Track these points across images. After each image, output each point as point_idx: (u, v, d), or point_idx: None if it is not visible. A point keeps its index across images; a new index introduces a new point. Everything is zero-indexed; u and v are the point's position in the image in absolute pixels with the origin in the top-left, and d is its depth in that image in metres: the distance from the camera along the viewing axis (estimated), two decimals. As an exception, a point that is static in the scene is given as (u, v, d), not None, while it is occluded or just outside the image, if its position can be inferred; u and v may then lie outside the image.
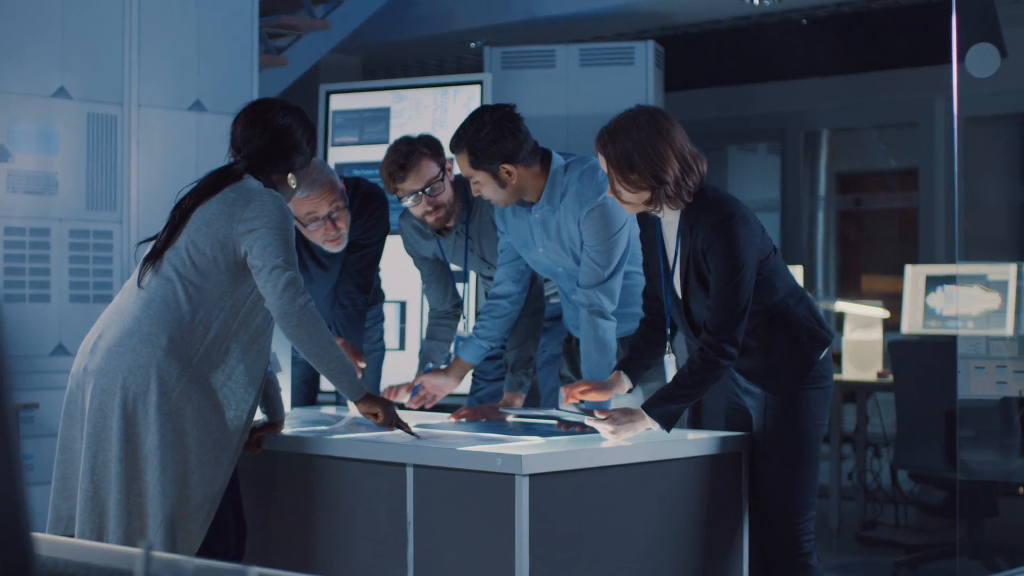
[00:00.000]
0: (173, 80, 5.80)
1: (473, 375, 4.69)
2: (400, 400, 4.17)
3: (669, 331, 3.77)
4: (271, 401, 3.64)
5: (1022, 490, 5.49)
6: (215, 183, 3.46)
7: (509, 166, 3.84)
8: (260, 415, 3.63)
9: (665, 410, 3.47)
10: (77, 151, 5.53)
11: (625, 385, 3.65)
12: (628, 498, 3.35)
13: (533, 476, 3.11)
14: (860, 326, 6.87)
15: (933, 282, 6.69)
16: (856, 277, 10.34)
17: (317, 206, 4.17)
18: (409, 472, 3.34)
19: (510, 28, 8.23)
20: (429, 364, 4.49)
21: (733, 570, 3.61)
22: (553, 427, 3.78)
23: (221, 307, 3.37)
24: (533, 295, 4.26)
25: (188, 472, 3.29)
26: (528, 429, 3.78)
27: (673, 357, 3.76)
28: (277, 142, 3.52)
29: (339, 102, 6.98)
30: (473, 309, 6.14)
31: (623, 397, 4.01)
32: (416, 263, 4.60)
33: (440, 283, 4.55)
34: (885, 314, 6.96)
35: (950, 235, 8.67)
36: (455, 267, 4.55)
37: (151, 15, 5.72)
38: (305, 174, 3.67)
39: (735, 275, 3.42)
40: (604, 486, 3.29)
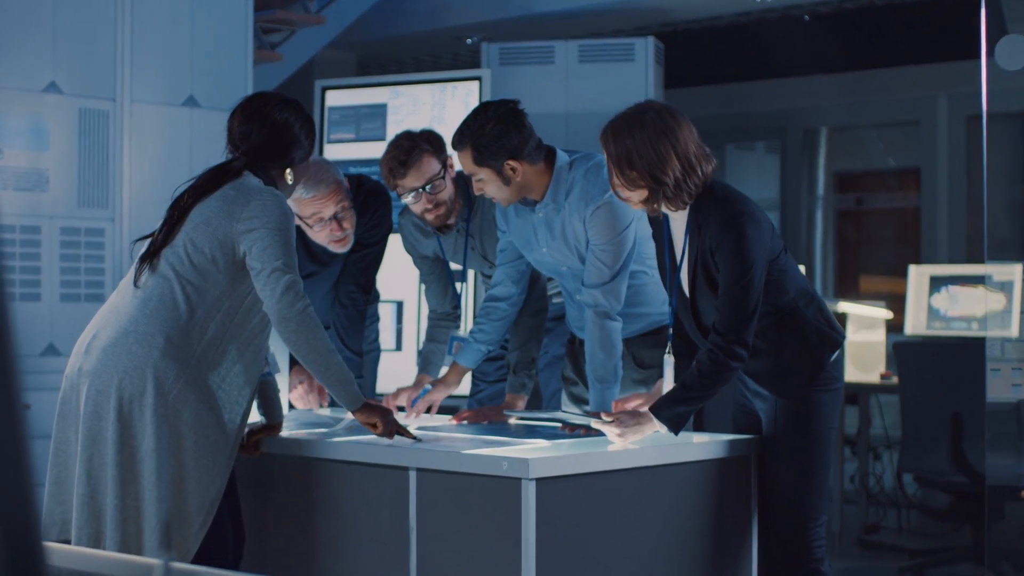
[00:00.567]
0: (166, 75, 5.77)
1: (473, 376, 4.65)
2: (399, 403, 4.13)
3: (672, 331, 3.74)
4: (270, 403, 3.60)
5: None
6: (214, 180, 3.41)
7: (514, 163, 3.79)
8: (258, 417, 3.58)
9: (673, 413, 3.42)
10: (68, 147, 5.49)
11: None
12: (636, 502, 3.32)
13: (540, 480, 3.07)
14: (863, 327, 6.83)
15: (937, 283, 6.66)
16: (855, 277, 10.31)
17: (323, 207, 4.12)
18: (412, 476, 3.30)
19: (507, 24, 8.19)
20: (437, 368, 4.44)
21: (742, 576, 3.57)
22: (557, 430, 3.74)
23: (219, 307, 3.32)
24: (536, 295, 4.22)
25: (185, 476, 3.25)
26: (532, 432, 3.74)
27: (672, 359, 3.72)
28: (276, 137, 3.48)
29: (335, 98, 6.93)
30: (472, 309, 6.08)
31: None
32: (416, 262, 4.55)
33: (440, 283, 4.51)
34: (888, 315, 6.93)
35: (954, 235, 8.64)
36: (455, 266, 4.50)
37: (144, 8, 5.69)
38: (303, 170, 3.62)
39: (744, 275, 3.38)
40: (611, 490, 3.26)
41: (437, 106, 6.66)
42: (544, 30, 8.20)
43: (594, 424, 3.46)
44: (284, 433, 3.63)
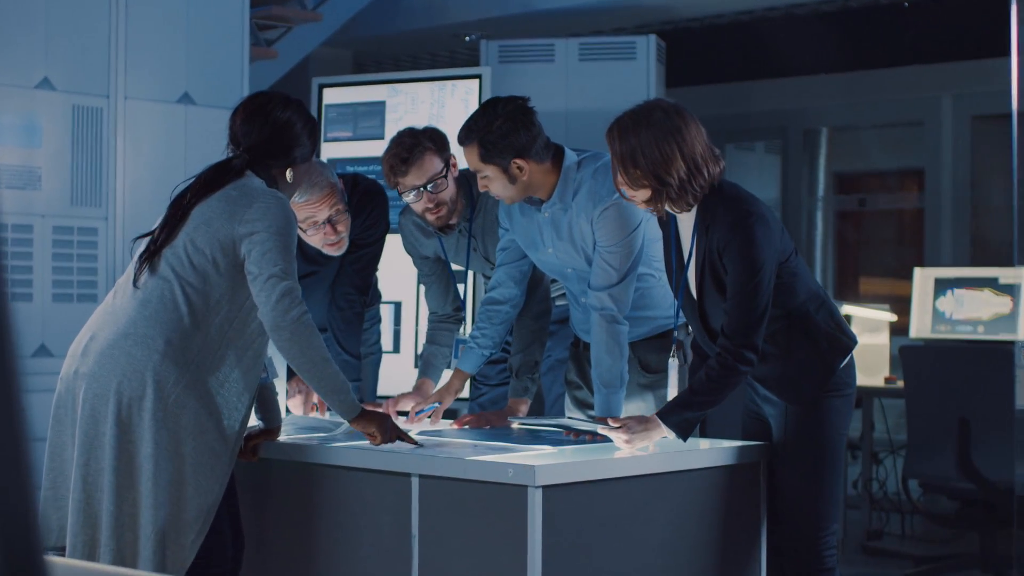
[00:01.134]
0: (161, 72, 5.74)
1: (474, 380, 4.60)
2: (403, 408, 4.08)
3: (677, 333, 3.70)
4: (268, 407, 3.56)
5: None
6: (216, 179, 3.37)
7: (521, 161, 3.74)
8: (255, 421, 3.54)
9: (681, 418, 3.39)
10: (61, 145, 5.46)
11: None
12: (643, 510, 3.28)
13: (546, 488, 3.02)
14: (866, 330, 6.78)
15: (942, 285, 6.61)
16: (856, 280, 10.28)
17: (316, 210, 4.08)
18: (414, 483, 3.25)
19: (506, 21, 8.16)
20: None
21: (750, 585, 3.53)
22: (562, 435, 3.69)
23: (219, 310, 3.28)
24: (540, 296, 4.18)
25: (183, 482, 3.20)
26: (536, 437, 3.70)
27: (677, 362, 3.69)
28: (277, 136, 3.45)
29: (332, 96, 6.88)
30: (474, 310, 6.03)
31: (633, 404, 3.94)
32: (416, 263, 4.50)
33: (441, 284, 4.45)
34: (892, 318, 6.89)
35: (958, 237, 8.61)
36: (456, 267, 4.45)
37: (139, 4, 5.66)
38: (305, 170, 3.58)
39: (753, 277, 3.34)
40: (619, 498, 3.22)
41: (436, 104, 6.61)
42: (544, 28, 8.17)
43: (601, 430, 3.42)
44: (282, 438, 3.59)
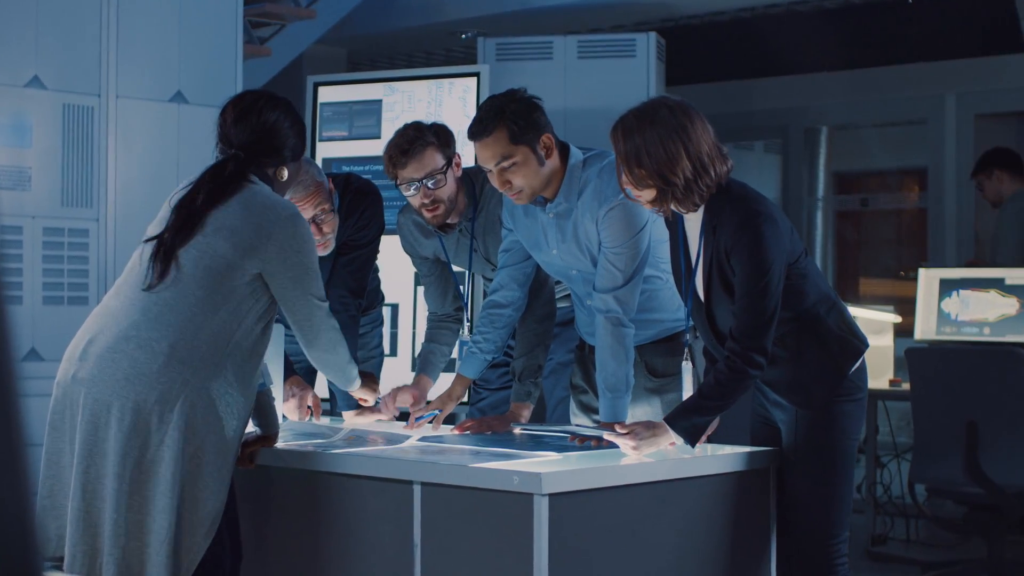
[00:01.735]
0: (153, 70, 5.71)
1: (475, 384, 4.54)
2: (402, 404, 4.09)
3: (688, 336, 3.65)
4: (265, 414, 3.52)
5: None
6: (226, 184, 3.35)
7: (548, 137, 3.72)
8: (251, 428, 3.50)
9: (690, 423, 3.35)
10: (51, 144, 5.42)
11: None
12: (651, 518, 3.24)
13: (553, 496, 2.98)
14: (870, 332, 6.73)
15: (948, 286, 6.56)
16: (857, 280, 10.26)
17: (302, 209, 3.99)
18: (416, 490, 3.20)
19: (503, 19, 8.14)
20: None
21: (760, 595, 3.49)
22: (567, 441, 3.64)
23: (225, 316, 3.26)
24: (544, 299, 4.13)
25: (189, 488, 3.18)
26: (540, 443, 3.65)
27: (690, 365, 3.66)
28: (267, 137, 3.44)
29: (327, 94, 6.83)
30: (473, 312, 5.98)
31: (640, 409, 3.89)
32: (415, 263, 4.45)
33: (441, 284, 4.40)
34: (896, 319, 6.84)
35: (962, 237, 8.58)
36: (457, 268, 4.40)
37: (131, 1, 5.62)
38: (297, 169, 3.58)
39: (761, 278, 3.30)
40: (626, 505, 3.17)
41: (434, 103, 6.56)
42: (541, 25, 8.14)
43: (607, 436, 3.38)
44: (280, 444, 3.56)
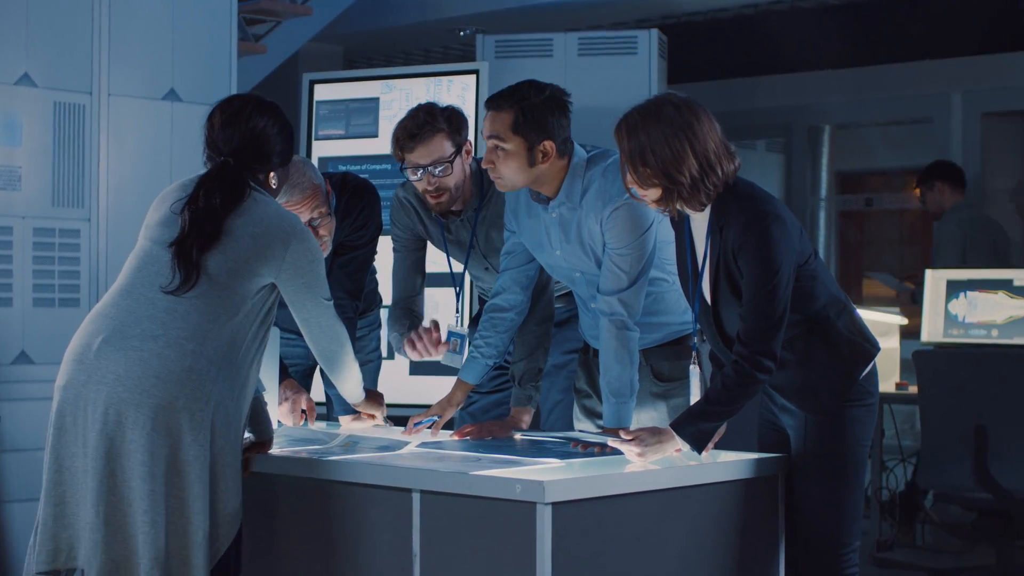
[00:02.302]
0: (146, 67, 5.65)
1: None
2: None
3: (696, 340, 3.61)
4: (259, 420, 3.51)
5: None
6: (239, 191, 3.37)
7: (548, 145, 3.67)
8: (245, 434, 3.47)
9: (696, 429, 3.31)
10: (42, 143, 5.36)
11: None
12: (657, 527, 3.19)
13: (556, 505, 2.93)
14: (876, 334, 6.67)
15: (955, 287, 6.52)
16: (860, 281, 10.22)
17: (297, 212, 3.99)
18: (415, 498, 3.16)
19: (500, 15, 8.11)
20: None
21: (768, 605, 3.44)
22: (569, 447, 3.59)
23: (240, 319, 3.30)
24: (545, 301, 4.08)
25: (222, 482, 3.24)
26: (542, 450, 3.59)
27: (698, 369, 3.61)
28: (254, 144, 3.45)
29: (323, 92, 6.79)
30: (467, 312, 5.92)
31: (646, 414, 3.84)
32: (395, 235, 4.34)
33: (417, 264, 4.36)
34: (903, 321, 6.80)
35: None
36: (454, 266, 4.33)
37: (123, -3, 5.58)
38: (285, 173, 3.60)
39: (770, 280, 3.26)
40: (632, 514, 3.13)
41: (432, 100, 6.50)
42: (539, 22, 8.10)
43: (611, 443, 3.33)
44: (274, 450, 3.54)
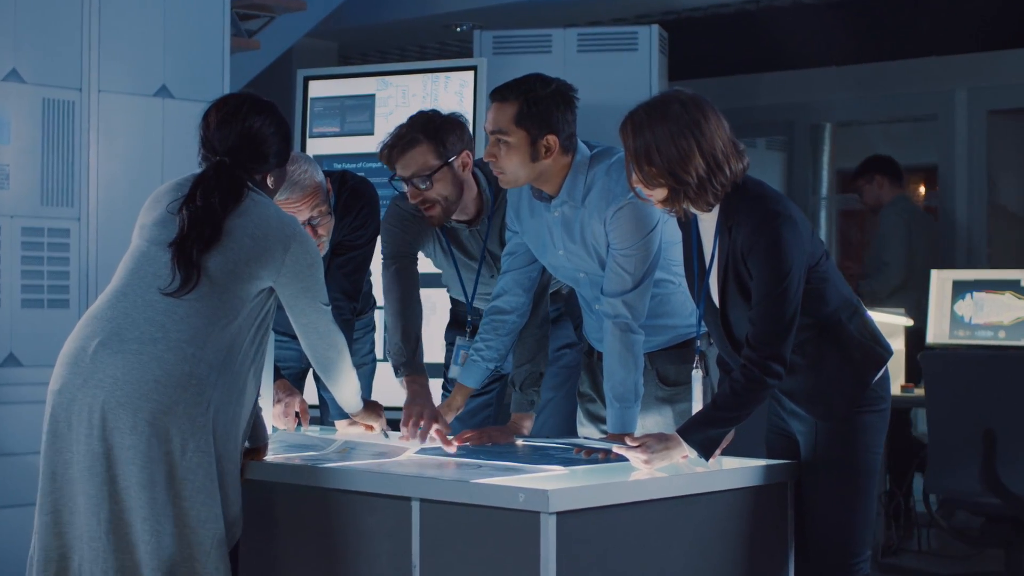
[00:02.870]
0: (137, 63, 5.63)
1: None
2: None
3: (701, 343, 3.57)
4: (254, 424, 3.44)
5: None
6: (237, 191, 3.32)
7: (552, 139, 3.62)
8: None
9: (704, 436, 3.26)
10: (30, 141, 5.34)
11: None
12: (664, 536, 3.13)
13: (561, 514, 2.87)
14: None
15: (961, 288, 6.47)
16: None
17: (297, 210, 3.98)
18: (415, 507, 3.11)
19: (499, 11, 8.11)
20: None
21: (778, 615, 3.40)
22: (572, 453, 3.54)
23: (240, 323, 3.26)
24: (545, 303, 4.03)
25: (223, 490, 3.20)
26: (545, 456, 3.54)
27: (701, 373, 3.56)
28: (251, 144, 3.41)
29: (318, 88, 6.74)
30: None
31: (651, 419, 3.79)
32: (389, 256, 4.19)
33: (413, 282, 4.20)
34: (908, 322, 6.74)
35: (973, 237, 8.50)
36: (465, 280, 4.23)
37: (113, -8, 5.57)
38: (282, 174, 3.56)
39: (780, 282, 3.21)
40: (638, 523, 3.07)
41: (429, 97, 6.46)
42: (537, 18, 8.10)
43: (616, 449, 3.28)
44: (269, 457, 3.49)
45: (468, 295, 4.20)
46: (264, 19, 7.45)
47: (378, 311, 4.77)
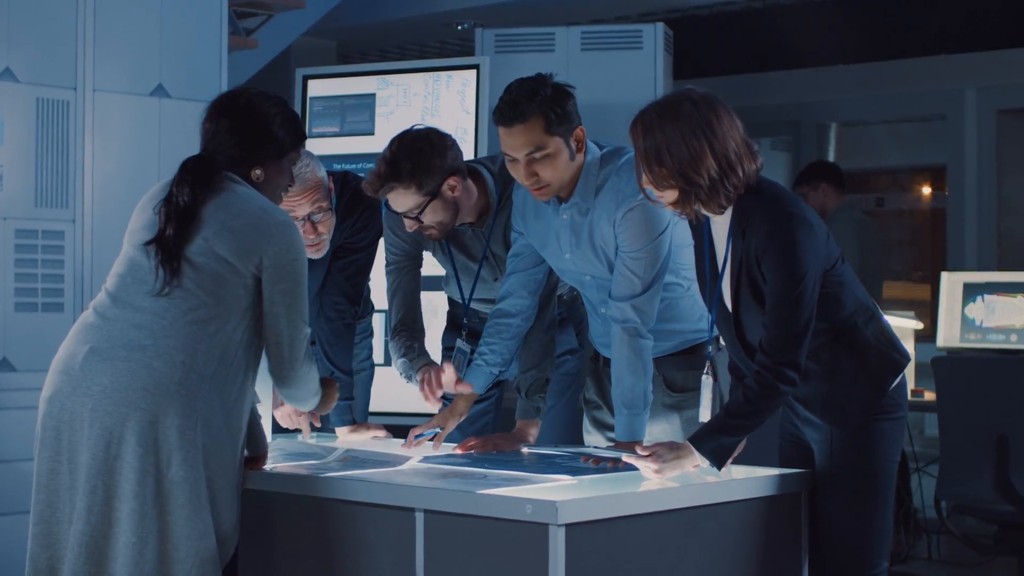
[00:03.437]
0: (133, 62, 5.61)
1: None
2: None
3: (711, 348, 3.52)
4: (252, 433, 3.40)
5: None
6: (209, 179, 3.25)
7: (580, 130, 3.59)
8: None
9: (716, 444, 3.21)
10: (24, 141, 5.33)
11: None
12: (675, 549, 3.09)
13: (570, 526, 2.83)
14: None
15: (972, 291, 6.42)
16: (876, 283, 10.14)
17: (297, 205, 3.95)
18: (419, 518, 3.06)
19: (500, 8, 8.07)
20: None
21: (792, 629, 3.35)
22: (579, 462, 3.48)
23: (234, 322, 3.20)
24: (551, 306, 3.98)
25: (213, 507, 3.13)
26: (551, 465, 3.48)
27: (711, 379, 3.51)
28: (248, 135, 3.34)
29: (317, 88, 6.70)
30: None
31: (658, 426, 3.73)
32: (391, 253, 4.19)
33: (415, 285, 4.20)
34: (918, 325, 6.69)
35: (983, 239, 8.46)
36: (463, 282, 4.18)
37: (109, -12, 5.56)
38: (279, 168, 3.44)
39: (795, 287, 3.16)
40: (649, 535, 3.02)
41: (430, 97, 6.42)
42: (540, 16, 8.06)
43: (626, 458, 3.24)
44: (268, 466, 3.45)
45: (464, 297, 4.16)
46: (262, 17, 7.42)
47: (377, 315, 4.73)
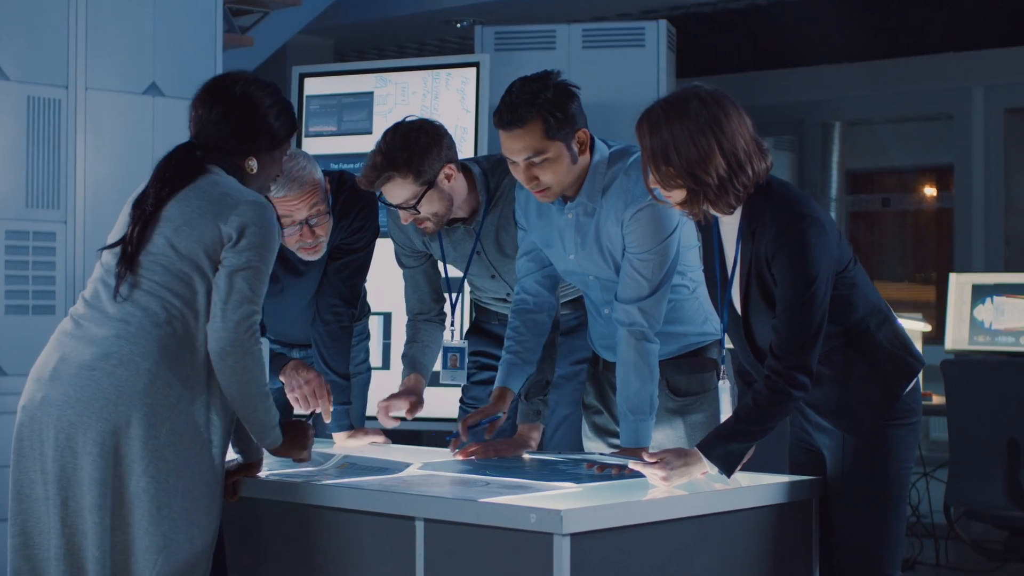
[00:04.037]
0: (126, 60, 5.62)
1: (462, 403, 4.33)
2: (398, 412, 3.95)
3: (724, 353, 3.48)
4: (247, 439, 3.34)
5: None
6: (184, 173, 3.19)
7: (583, 132, 3.56)
8: (232, 455, 3.34)
9: (726, 450, 3.17)
10: (15, 140, 5.33)
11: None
12: (684, 558, 3.04)
13: (575, 536, 2.78)
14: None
15: (980, 292, 6.39)
16: (881, 284, 10.13)
17: (294, 208, 3.92)
18: (419, 527, 3.02)
19: (500, 6, 8.05)
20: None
21: (802, 640, 3.31)
22: (583, 469, 3.45)
23: (203, 324, 3.11)
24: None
25: (181, 519, 3.05)
26: (555, 472, 3.44)
27: (727, 384, 3.51)
28: (236, 123, 3.26)
29: (314, 86, 6.69)
30: (464, 319, 5.77)
31: (661, 432, 3.69)
32: (400, 255, 4.23)
33: (427, 282, 4.24)
34: (926, 327, 6.66)
35: (991, 239, 8.44)
36: (452, 272, 4.20)
37: (101, -15, 5.56)
38: (271, 160, 3.36)
39: (807, 289, 3.12)
40: (657, 545, 2.98)
41: (429, 95, 6.40)
42: (539, 14, 8.05)
43: (633, 465, 3.19)
44: (263, 473, 3.40)
45: (451, 297, 4.19)
46: (258, 15, 7.41)
47: (374, 317, 4.70)
